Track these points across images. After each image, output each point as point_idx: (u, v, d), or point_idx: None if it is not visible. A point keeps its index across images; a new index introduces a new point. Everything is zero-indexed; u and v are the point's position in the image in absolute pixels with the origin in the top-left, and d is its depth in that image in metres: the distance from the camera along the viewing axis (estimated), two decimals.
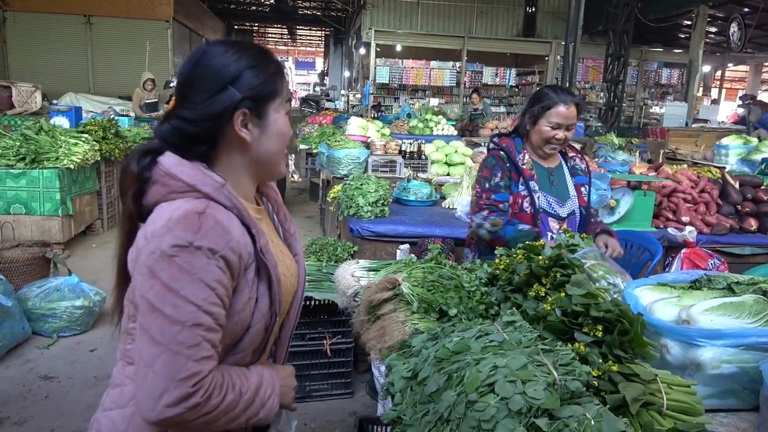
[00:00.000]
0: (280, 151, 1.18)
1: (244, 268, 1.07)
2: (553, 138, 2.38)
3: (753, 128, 9.37)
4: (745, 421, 1.46)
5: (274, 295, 1.13)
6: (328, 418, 3.11)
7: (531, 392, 1.08)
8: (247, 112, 1.09)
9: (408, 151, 5.82)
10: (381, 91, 17.16)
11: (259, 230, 1.11)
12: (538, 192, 2.42)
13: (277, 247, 1.22)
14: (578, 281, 1.47)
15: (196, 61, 1.10)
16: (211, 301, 0.99)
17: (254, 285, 1.10)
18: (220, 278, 1.01)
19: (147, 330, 0.98)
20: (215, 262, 1.00)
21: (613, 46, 13.83)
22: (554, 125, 2.36)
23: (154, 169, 1.07)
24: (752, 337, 1.45)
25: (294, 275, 1.28)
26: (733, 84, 28.24)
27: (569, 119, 2.35)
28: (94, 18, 13.77)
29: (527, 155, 2.45)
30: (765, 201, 3.92)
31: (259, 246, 1.09)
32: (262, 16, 26.96)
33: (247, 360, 1.16)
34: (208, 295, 0.99)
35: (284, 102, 1.16)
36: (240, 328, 1.09)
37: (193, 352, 0.97)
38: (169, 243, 0.98)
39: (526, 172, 2.42)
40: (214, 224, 1.01)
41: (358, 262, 2.24)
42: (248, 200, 1.19)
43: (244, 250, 1.06)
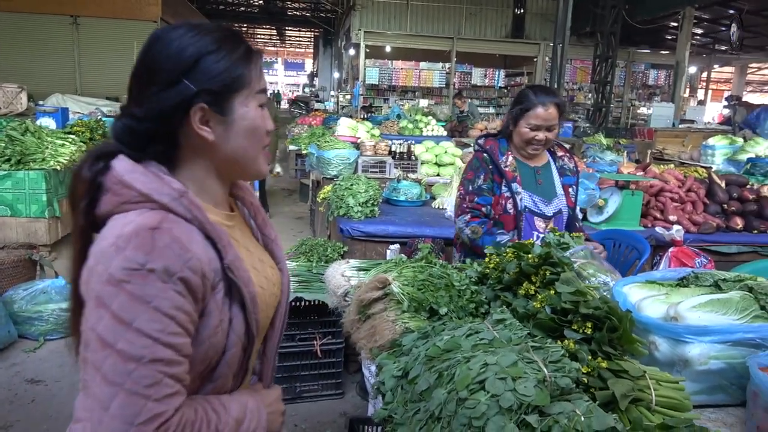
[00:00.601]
0: (254, 149, 1.03)
1: (211, 288, 0.94)
2: (533, 139, 2.38)
3: (738, 129, 9.47)
4: (733, 416, 1.47)
5: (250, 315, 1.00)
6: (318, 419, 3.10)
7: (521, 389, 1.09)
8: (206, 108, 0.94)
9: (398, 152, 5.83)
10: (370, 92, 17.17)
11: (227, 244, 0.96)
12: (521, 193, 2.42)
13: (254, 256, 1.11)
14: (567, 279, 1.48)
15: (146, 50, 0.95)
16: (170, 331, 0.86)
17: (225, 306, 0.97)
18: (180, 304, 0.87)
19: (99, 369, 0.84)
20: (172, 285, 0.86)
21: (600, 47, 13.95)
22: (533, 127, 2.36)
23: (107, 176, 0.92)
24: (739, 333, 1.46)
25: (276, 284, 1.15)
26: (719, 85, 28.57)
27: (549, 120, 2.34)
28: (81, 18, 13.64)
29: (511, 156, 2.46)
30: (750, 200, 3.97)
31: (226, 263, 0.96)
32: (250, 16, 26.90)
33: (228, 385, 1.04)
34: (165, 325, 0.85)
35: (254, 93, 1.00)
36: (213, 353, 0.97)
37: (153, 391, 0.84)
38: (118, 265, 0.84)
39: (509, 174, 2.42)
40: (171, 241, 0.87)
41: (349, 262, 2.24)
42: (219, 205, 1.06)
43: (208, 269, 0.92)
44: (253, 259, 1.10)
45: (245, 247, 1.09)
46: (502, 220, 2.43)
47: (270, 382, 1.24)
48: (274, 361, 1.24)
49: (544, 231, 2.41)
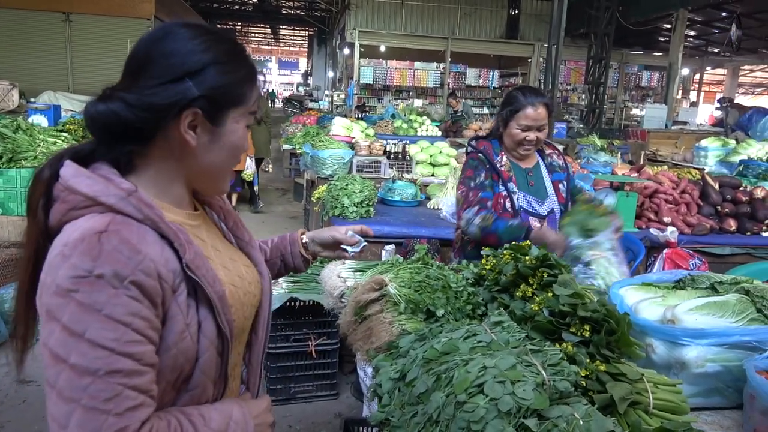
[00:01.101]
0: (227, 168, 1.02)
1: (172, 290, 0.88)
2: (524, 140, 2.39)
3: (731, 130, 9.54)
4: (729, 419, 1.48)
5: (220, 315, 0.94)
6: (313, 420, 3.09)
7: (520, 393, 1.08)
8: (200, 113, 0.92)
9: (392, 152, 5.82)
10: (365, 91, 17.17)
11: (185, 242, 0.91)
12: (517, 192, 2.43)
13: (224, 255, 1.07)
14: (565, 281, 1.48)
15: (155, 39, 0.93)
16: (126, 339, 0.81)
17: (191, 308, 0.91)
18: (135, 309, 0.82)
19: (54, 386, 0.80)
20: (124, 290, 0.81)
21: (594, 48, 14.01)
22: (524, 127, 2.37)
23: (56, 184, 0.88)
24: (736, 336, 1.47)
25: (254, 283, 1.11)
26: (711, 87, 28.76)
27: (538, 120, 2.35)
28: (74, 15, 13.54)
29: (505, 157, 2.47)
30: (743, 202, 3.98)
31: (185, 261, 0.90)
32: (245, 15, 26.83)
33: (208, 394, 0.98)
34: (121, 333, 0.81)
35: (247, 113, 0.99)
36: (184, 360, 0.91)
37: (113, 405, 0.79)
38: (65, 275, 0.80)
39: (504, 173, 2.43)
40: (119, 244, 0.82)
41: (345, 263, 2.22)
42: (180, 205, 1.02)
43: (164, 270, 0.87)
44: (224, 258, 1.06)
45: (213, 246, 1.06)
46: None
47: (257, 392, 1.18)
48: (260, 368, 1.18)
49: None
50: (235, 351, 1.06)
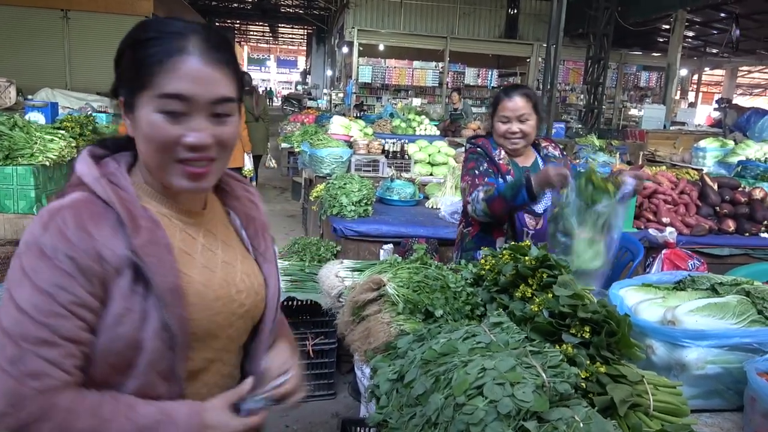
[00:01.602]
0: (152, 159, 0.95)
1: (116, 273, 0.89)
2: (507, 132, 2.41)
3: (729, 131, 9.54)
4: (729, 421, 1.47)
5: (167, 308, 0.91)
6: (310, 420, 3.07)
7: (520, 395, 1.07)
8: (122, 100, 0.95)
9: (391, 151, 5.80)
10: (363, 90, 17.12)
11: (140, 227, 0.91)
12: None
13: (217, 258, 1.04)
14: (565, 282, 1.47)
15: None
16: (47, 309, 0.84)
17: (135, 294, 0.90)
18: (62, 283, 0.85)
19: None
20: (58, 263, 0.85)
21: (593, 48, 13.99)
22: (504, 119, 2.40)
23: None
24: (736, 338, 1.46)
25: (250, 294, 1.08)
26: (710, 88, 28.79)
27: (517, 111, 2.37)
28: (72, 12, 13.51)
29: (502, 152, 2.50)
30: (742, 203, 3.98)
31: (133, 246, 0.89)
32: (243, 13, 26.75)
33: (159, 390, 0.95)
34: (42, 302, 0.84)
35: (157, 97, 0.90)
36: (123, 346, 0.91)
37: (13, 368, 0.83)
38: (22, 240, 0.88)
39: (503, 167, 2.45)
40: (69, 219, 0.87)
41: (342, 263, 2.21)
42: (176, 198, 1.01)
43: (109, 252, 0.88)
44: (214, 261, 1.04)
45: (207, 247, 1.04)
46: None
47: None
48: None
49: (534, 228, 2.43)
50: (202, 354, 1.01)
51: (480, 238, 2.46)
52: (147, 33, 0.93)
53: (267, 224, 1.18)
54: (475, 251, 2.43)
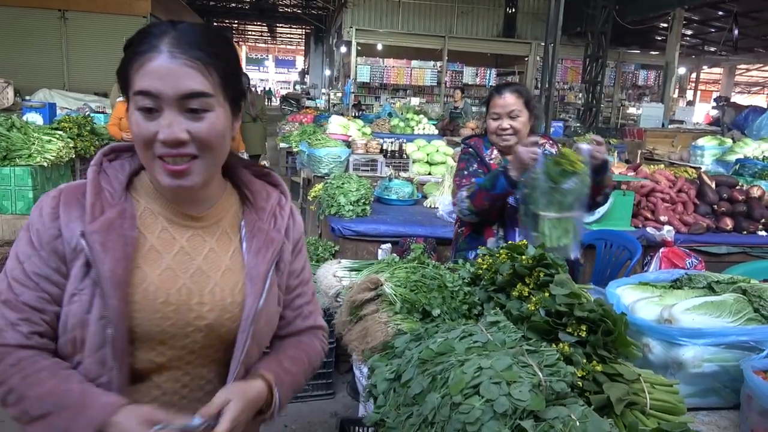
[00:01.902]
0: (141, 156, 0.97)
1: (74, 252, 0.95)
2: (498, 129, 2.40)
3: (727, 129, 9.56)
4: (726, 419, 1.47)
5: (104, 296, 0.93)
6: (308, 419, 3.07)
7: (516, 394, 1.07)
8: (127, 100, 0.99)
9: (389, 150, 5.80)
10: (362, 90, 17.14)
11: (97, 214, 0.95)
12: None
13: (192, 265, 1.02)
14: (561, 281, 1.47)
15: None
16: (16, 275, 0.97)
17: (86, 278, 0.95)
18: (28, 254, 0.97)
19: None
20: (30, 237, 0.97)
21: (591, 47, 14.00)
22: (495, 116, 2.41)
23: None
24: (733, 336, 1.46)
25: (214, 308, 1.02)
26: (708, 86, 28.82)
27: (507, 107, 2.37)
28: (69, 13, 13.49)
29: (495, 152, 2.49)
30: (740, 201, 3.99)
31: (85, 229, 0.94)
32: (241, 13, 26.75)
33: (96, 373, 0.96)
34: (14, 268, 0.97)
35: (134, 95, 0.94)
36: (75, 323, 0.96)
37: None
38: None
39: (493, 166, 2.45)
40: (50, 201, 0.98)
41: (340, 262, 2.21)
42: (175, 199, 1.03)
43: (69, 234, 0.95)
44: (185, 266, 1.02)
45: (188, 252, 1.03)
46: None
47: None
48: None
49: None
50: (146, 354, 0.99)
51: (472, 239, 2.46)
52: (134, 37, 0.97)
53: (278, 241, 1.10)
54: (467, 251, 2.44)
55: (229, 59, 1.00)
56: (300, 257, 1.20)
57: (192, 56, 0.93)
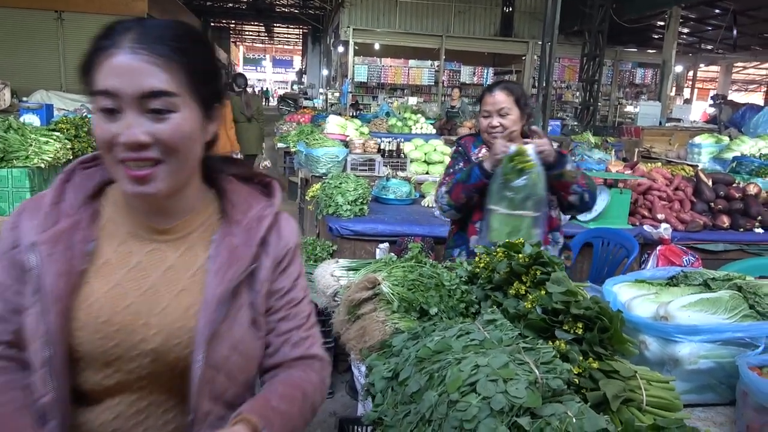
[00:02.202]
0: (105, 161, 0.91)
1: (29, 266, 0.91)
2: (488, 126, 2.40)
3: (724, 127, 9.58)
4: (722, 415, 1.48)
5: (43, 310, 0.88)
6: None
7: (513, 391, 1.08)
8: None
9: (387, 150, 5.81)
10: (359, 89, 17.14)
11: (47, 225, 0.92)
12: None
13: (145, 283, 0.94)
14: (558, 279, 1.47)
15: None
16: None
17: (35, 293, 0.90)
18: None
19: None
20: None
21: (588, 46, 14.02)
22: (485, 114, 2.41)
23: None
24: (728, 333, 1.47)
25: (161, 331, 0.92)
26: (705, 84, 28.85)
27: (497, 105, 2.37)
28: (66, 14, 13.48)
29: (484, 150, 2.48)
30: (737, 198, 4.00)
31: (33, 239, 0.91)
32: (238, 13, 26.72)
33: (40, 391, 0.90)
34: None
35: (95, 94, 0.88)
36: (28, 337, 0.91)
37: None
38: None
39: None
40: (17, 210, 0.99)
41: (338, 262, 2.22)
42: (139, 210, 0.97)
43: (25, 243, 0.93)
44: (138, 284, 0.94)
45: (143, 267, 0.95)
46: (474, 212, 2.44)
47: None
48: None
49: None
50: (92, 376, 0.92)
51: (458, 236, 2.49)
52: (98, 33, 0.91)
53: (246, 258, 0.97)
54: (454, 249, 2.48)
55: (200, 56, 0.93)
56: (286, 275, 1.06)
57: (155, 52, 0.86)
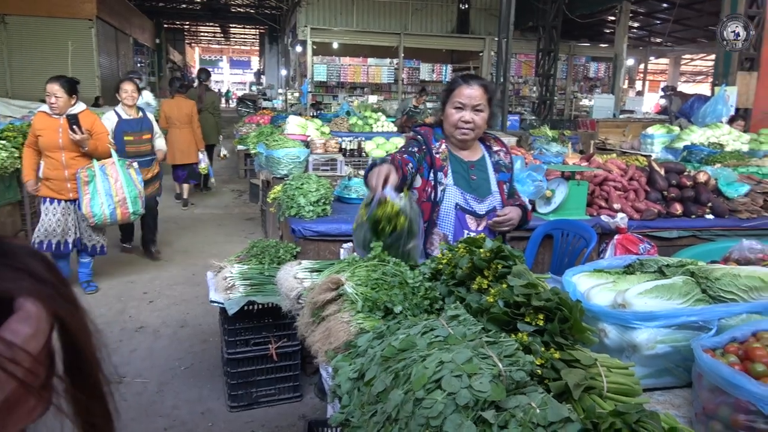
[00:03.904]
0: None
1: None
2: (459, 120, 2.28)
3: (675, 118, 9.89)
4: (680, 397, 1.52)
5: None
6: (276, 423, 3.04)
7: (477, 385, 1.09)
8: None
9: (348, 149, 5.79)
10: (319, 89, 17.05)
11: None
12: (449, 186, 2.34)
13: None
14: (519, 272, 1.49)
15: None
16: None
17: None
18: None
19: None
20: None
21: (543, 41, 14.31)
22: (458, 105, 2.28)
23: None
24: (683, 317, 1.51)
25: None
26: (656, 76, 29.78)
27: (473, 99, 2.26)
28: (10, 17, 12.93)
29: (444, 145, 2.38)
30: (688, 186, 4.13)
31: None
32: (192, 14, 26.21)
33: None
34: None
35: None
36: None
37: None
38: None
39: (438, 161, 2.34)
40: None
41: (301, 263, 2.19)
42: None
43: None
44: None
45: None
46: (423, 208, 2.28)
47: None
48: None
49: (476, 230, 2.35)
50: None
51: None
52: None
53: None
54: None
55: None
56: None
57: None
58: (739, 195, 4.18)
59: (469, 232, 2.34)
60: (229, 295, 2.96)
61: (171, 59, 28.67)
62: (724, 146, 6.54)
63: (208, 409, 3.14)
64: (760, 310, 1.55)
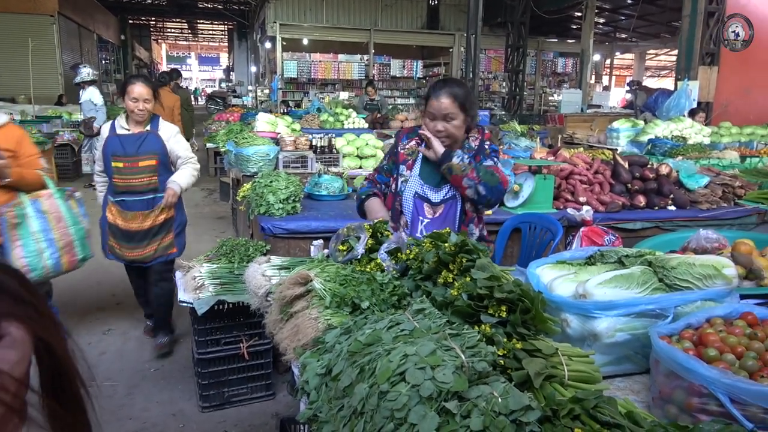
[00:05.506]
0: None
1: None
2: (433, 130, 2.40)
3: (640, 112, 10.10)
4: (639, 383, 1.58)
5: None
6: (249, 422, 3.04)
7: (440, 377, 1.11)
8: None
9: (319, 146, 5.77)
10: (290, 85, 16.93)
11: None
12: (406, 176, 2.50)
13: None
14: (483, 265, 1.52)
15: None
16: None
17: None
18: None
19: None
20: None
21: (512, 37, 14.46)
22: (431, 116, 2.41)
23: None
24: (641, 306, 1.57)
25: None
26: (622, 71, 30.37)
27: (441, 110, 2.36)
28: None
29: (413, 142, 2.53)
30: (651, 179, 4.24)
31: None
32: (159, 9, 25.69)
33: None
34: None
35: None
36: None
37: None
38: None
39: (401, 155, 2.54)
40: None
41: (270, 260, 2.19)
42: None
43: None
44: None
45: None
46: (389, 198, 2.56)
47: None
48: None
49: (432, 217, 2.45)
50: None
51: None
52: None
53: None
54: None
55: None
56: None
57: None
58: (699, 186, 4.31)
59: (424, 218, 2.45)
60: (198, 294, 2.93)
61: (137, 56, 28.08)
62: (687, 139, 6.72)
63: (180, 410, 3.11)
64: (714, 297, 1.61)
